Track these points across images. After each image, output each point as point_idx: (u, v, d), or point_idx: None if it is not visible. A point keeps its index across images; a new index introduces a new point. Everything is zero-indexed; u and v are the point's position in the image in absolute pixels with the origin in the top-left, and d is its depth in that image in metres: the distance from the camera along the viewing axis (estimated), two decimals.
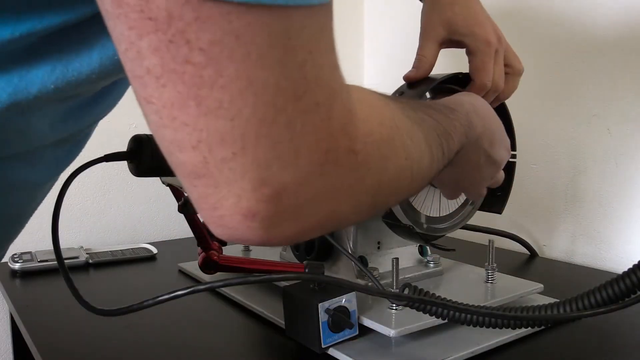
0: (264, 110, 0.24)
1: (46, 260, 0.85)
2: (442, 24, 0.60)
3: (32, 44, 0.29)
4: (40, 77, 0.29)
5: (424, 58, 0.61)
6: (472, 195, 0.57)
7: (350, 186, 0.30)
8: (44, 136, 0.36)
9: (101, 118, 0.42)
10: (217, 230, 0.28)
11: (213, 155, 0.25)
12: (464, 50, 0.62)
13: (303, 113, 0.26)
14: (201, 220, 0.62)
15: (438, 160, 0.41)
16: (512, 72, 0.62)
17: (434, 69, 0.62)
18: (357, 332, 0.56)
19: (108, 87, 0.38)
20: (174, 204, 0.60)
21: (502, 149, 0.54)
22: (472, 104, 0.50)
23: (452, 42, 0.61)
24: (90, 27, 0.30)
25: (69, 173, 0.50)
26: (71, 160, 0.43)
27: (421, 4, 0.64)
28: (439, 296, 0.51)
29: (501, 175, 0.58)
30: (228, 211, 0.26)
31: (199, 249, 0.62)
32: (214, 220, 0.27)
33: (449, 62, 0.68)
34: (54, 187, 0.49)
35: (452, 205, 0.69)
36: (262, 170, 0.25)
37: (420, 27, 0.62)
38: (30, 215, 0.46)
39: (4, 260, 0.85)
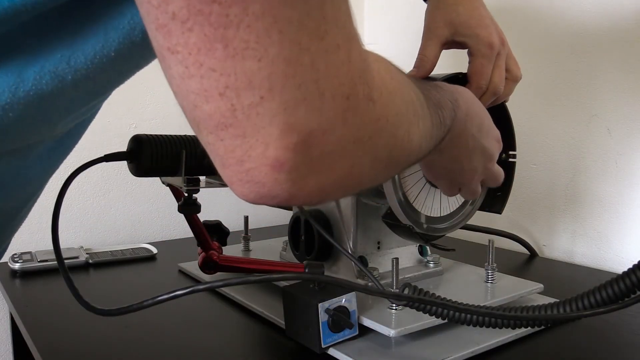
0: (289, 48, 0.25)
1: (46, 260, 0.85)
2: (445, 25, 0.60)
3: (44, 19, 0.29)
4: (57, 59, 0.30)
5: (426, 58, 0.61)
6: (467, 190, 0.56)
7: (369, 137, 0.30)
8: (51, 128, 0.36)
9: (96, 106, 0.42)
10: (243, 189, 0.28)
11: (241, 101, 0.25)
12: (465, 50, 0.62)
13: (325, 53, 0.26)
14: (201, 221, 0.62)
15: (437, 127, 0.42)
16: (510, 77, 0.63)
17: (435, 68, 0.62)
18: (357, 332, 0.56)
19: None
20: (174, 204, 0.60)
21: (490, 138, 0.54)
22: (455, 87, 0.50)
23: (454, 43, 0.61)
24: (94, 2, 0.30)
25: (69, 173, 0.50)
26: (65, 152, 0.42)
27: (423, 4, 0.64)
28: (439, 296, 0.51)
29: (500, 173, 0.58)
30: (255, 163, 0.26)
31: (199, 249, 0.62)
32: (241, 176, 0.27)
33: (450, 62, 0.68)
34: (54, 187, 0.49)
35: (452, 205, 0.69)
36: (289, 113, 0.26)
37: (424, 27, 0.62)
38: (28, 211, 0.46)
39: (4, 260, 0.85)
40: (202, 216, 0.61)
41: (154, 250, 0.96)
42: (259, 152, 0.26)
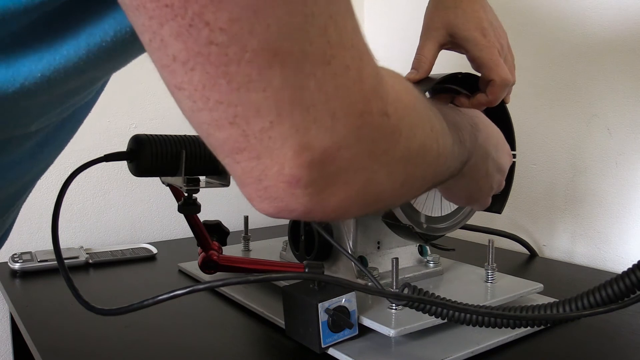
0: (293, 77, 0.25)
1: (46, 260, 0.85)
2: (443, 26, 0.60)
3: (17, 32, 0.28)
4: (27, 66, 0.29)
5: (424, 58, 0.61)
6: (480, 206, 0.58)
7: (384, 152, 0.30)
8: (24, 126, 0.35)
9: (87, 100, 0.42)
10: (262, 205, 0.29)
11: (251, 127, 0.25)
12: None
13: (333, 76, 0.26)
14: (201, 221, 0.62)
15: (458, 146, 0.42)
16: None
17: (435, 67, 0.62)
18: (357, 332, 0.56)
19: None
20: (174, 204, 0.60)
21: (505, 155, 0.55)
22: (472, 110, 0.50)
23: (453, 45, 0.61)
24: (75, 13, 0.30)
25: (69, 173, 0.50)
26: (59, 146, 0.42)
27: (423, 4, 0.64)
28: (438, 296, 0.51)
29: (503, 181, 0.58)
30: (272, 181, 0.27)
31: (199, 249, 0.62)
32: (259, 193, 0.28)
33: (451, 62, 0.68)
34: (54, 187, 0.48)
35: (452, 205, 0.69)
36: (301, 135, 0.26)
37: (422, 26, 0.62)
38: (21, 204, 0.45)
39: (4, 260, 0.85)
40: (202, 216, 0.61)
41: (154, 250, 0.96)
42: (274, 171, 0.27)
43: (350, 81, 0.27)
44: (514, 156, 0.68)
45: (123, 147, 0.54)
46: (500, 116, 0.68)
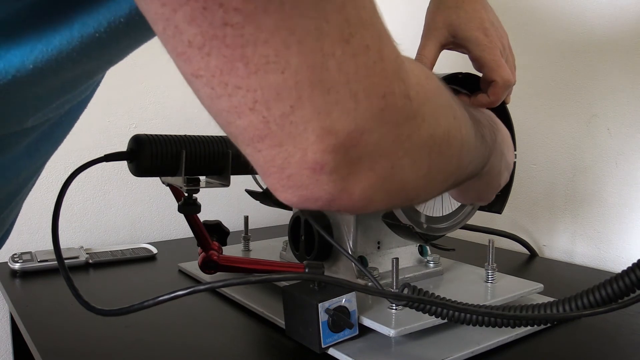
0: (311, 57, 0.24)
1: (46, 260, 0.85)
2: (445, 26, 0.60)
3: (8, 21, 0.28)
4: (19, 57, 0.29)
5: (425, 58, 0.61)
6: (485, 201, 0.58)
7: (408, 137, 0.30)
8: (20, 121, 0.35)
9: (82, 97, 0.41)
10: (286, 194, 0.28)
11: (272, 113, 0.25)
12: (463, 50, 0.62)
13: (353, 56, 0.26)
14: (201, 221, 0.62)
15: (480, 141, 0.41)
16: None
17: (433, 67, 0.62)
18: (357, 332, 0.56)
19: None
20: (174, 204, 0.60)
21: (511, 152, 0.56)
22: (487, 110, 0.50)
23: (455, 45, 0.61)
24: (68, 2, 0.29)
25: (69, 173, 0.50)
26: (56, 142, 0.42)
27: (424, 4, 0.64)
28: (438, 296, 0.51)
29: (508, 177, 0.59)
30: (296, 168, 0.27)
31: (199, 249, 0.62)
32: (283, 182, 0.27)
33: (450, 62, 0.68)
34: (54, 187, 0.48)
35: (452, 205, 0.69)
36: (323, 118, 0.26)
37: (424, 26, 0.62)
38: (21, 201, 0.45)
39: (4, 260, 0.85)
40: (202, 216, 0.61)
41: (154, 250, 0.96)
42: (297, 158, 0.26)
43: (371, 61, 0.26)
44: (514, 156, 0.68)
45: (123, 147, 0.54)
46: (500, 116, 0.67)
